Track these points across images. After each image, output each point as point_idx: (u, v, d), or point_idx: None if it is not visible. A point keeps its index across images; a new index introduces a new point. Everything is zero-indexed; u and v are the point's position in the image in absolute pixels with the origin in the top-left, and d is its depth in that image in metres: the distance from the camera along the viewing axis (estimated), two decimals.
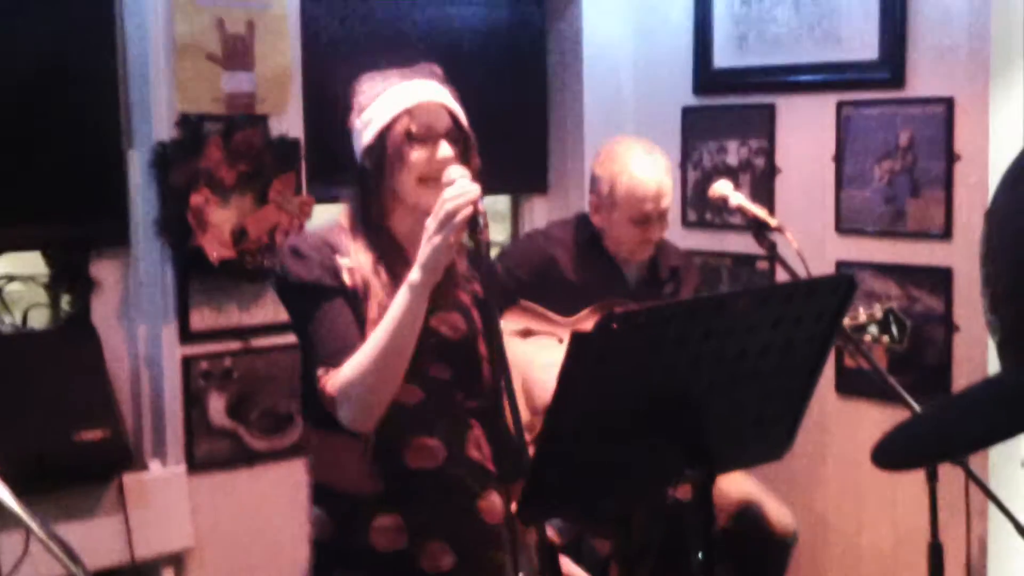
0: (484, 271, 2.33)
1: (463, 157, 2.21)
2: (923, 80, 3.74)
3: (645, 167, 3.31)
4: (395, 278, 2.16)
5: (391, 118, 2.19)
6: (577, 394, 1.78)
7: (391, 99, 2.21)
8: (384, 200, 2.23)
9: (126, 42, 3.37)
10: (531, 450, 1.86)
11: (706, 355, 1.85)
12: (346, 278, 2.18)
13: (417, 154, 2.17)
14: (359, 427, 2.14)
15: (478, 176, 2.22)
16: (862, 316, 3.36)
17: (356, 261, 2.20)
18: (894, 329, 3.34)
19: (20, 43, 3.25)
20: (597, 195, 3.36)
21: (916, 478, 2.58)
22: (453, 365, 2.25)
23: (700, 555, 1.91)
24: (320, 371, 2.14)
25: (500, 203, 4.56)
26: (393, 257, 2.21)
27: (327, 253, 2.20)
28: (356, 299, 2.18)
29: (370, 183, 2.22)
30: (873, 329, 3.33)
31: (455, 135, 2.21)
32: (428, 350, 2.19)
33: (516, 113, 4.37)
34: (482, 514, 2.30)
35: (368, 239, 2.22)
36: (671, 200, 3.37)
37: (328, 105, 3.62)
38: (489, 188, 2.21)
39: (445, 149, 2.18)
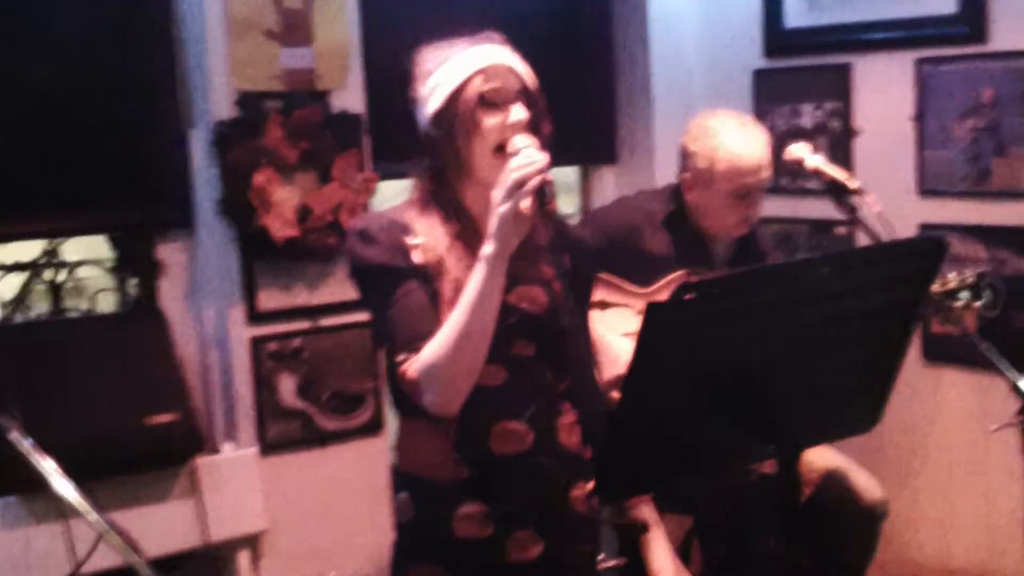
0: (572, 243, 2.25)
1: (534, 123, 2.13)
2: (1006, 33, 3.60)
3: (745, 140, 3.22)
4: (470, 255, 2.08)
5: (463, 80, 2.10)
6: (653, 367, 1.72)
7: (461, 62, 2.12)
8: (455, 171, 2.14)
9: (182, 21, 3.33)
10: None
11: (787, 324, 1.78)
12: (417, 257, 2.11)
13: (491, 120, 2.09)
14: (444, 411, 2.07)
15: (549, 143, 2.14)
16: (952, 281, 3.24)
17: (429, 238, 2.13)
18: (987, 294, 3.20)
19: (78, 25, 3.22)
20: (693, 171, 3.25)
21: (1010, 447, 2.48)
22: (537, 341, 2.17)
23: (782, 533, 1.83)
24: (400, 357, 2.06)
25: (568, 175, 4.48)
26: (468, 235, 2.13)
27: (396, 233, 2.13)
28: (428, 278, 2.11)
29: (439, 152, 2.14)
30: (964, 294, 3.20)
31: (526, 100, 2.13)
32: (510, 328, 2.11)
33: (582, 82, 4.28)
34: (573, 504, 2.21)
35: (441, 214, 2.15)
36: (770, 173, 3.26)
37: (390, 79, 3.54)
38: (556, 159, 2.12)
39: (518, 112, 2.09)
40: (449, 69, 2.12)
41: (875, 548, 3.40)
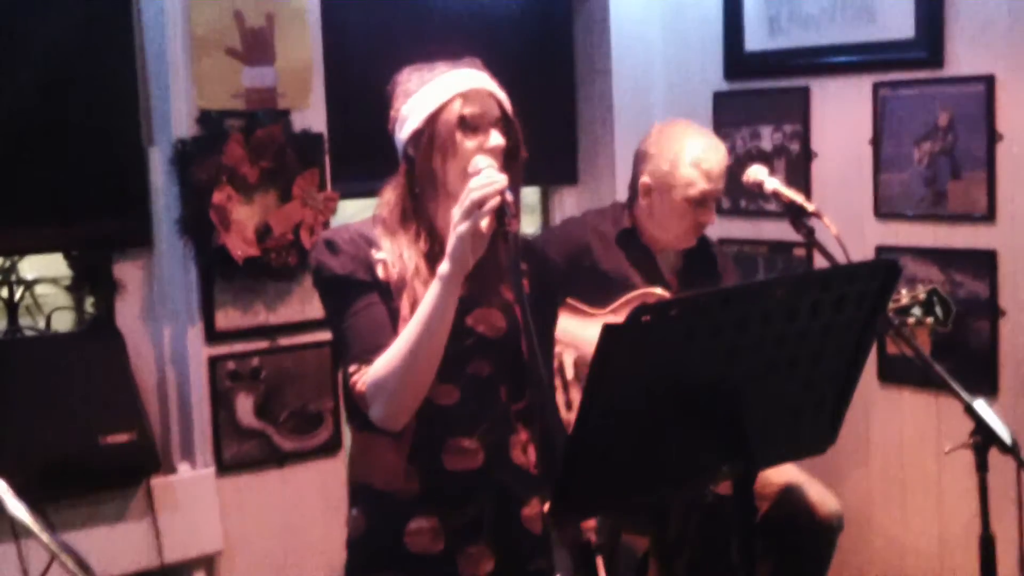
0: (535, 263, 2.25)
1: (511, 150, 2.14)
2: (962, 58, 3.64)
3: (708, 147, 3.27)
4: (435, 275, 2.08)
5: (443, 101, 2.12)
6: (609, 388, 1.71)
7: (443, 84, 2.14)
8: (429, 192, 2.15)
9: (144, 38, 3.32)
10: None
11: (744, 346, 1.78)
12: (380, 272, 2.13)
13: (469, 143, 2.10)
14: (390, 425, 2.08)
15: (524, 170, 2.17)
16: (905, 298, 3.27)
17: (395, 255, 2.14)
18: (938, 310, 3.24)
19: (38, 41, 3.20)
20: (652, 175, 3.26)
21: (963, 467, 2.49)
22: (494, 362, 2.18)
23: (741, 553, 1.84)
24: (352, 368, 2.08)
25: (530, 195, 4.49)
26: (436, 255, 2.12)
27: (362, 247, 2.14)
28: (389, 294, 2.12)
29: (414, 172, 2.15)
30: (916, 311, 3.23)
31: (504, 127, 2.15)
32: (466, 349, 2.13)
33: (544, 103, 4.29)
34: (525, 522, 2.21)
35: (411, 234, 2.15)
36: (724, 184, 3.30)
37: (352, 98, 3.57)
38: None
39: (496, 138, 2.11)
40: (430, 90, 2.14)
41: (830, 561, 3.42)
